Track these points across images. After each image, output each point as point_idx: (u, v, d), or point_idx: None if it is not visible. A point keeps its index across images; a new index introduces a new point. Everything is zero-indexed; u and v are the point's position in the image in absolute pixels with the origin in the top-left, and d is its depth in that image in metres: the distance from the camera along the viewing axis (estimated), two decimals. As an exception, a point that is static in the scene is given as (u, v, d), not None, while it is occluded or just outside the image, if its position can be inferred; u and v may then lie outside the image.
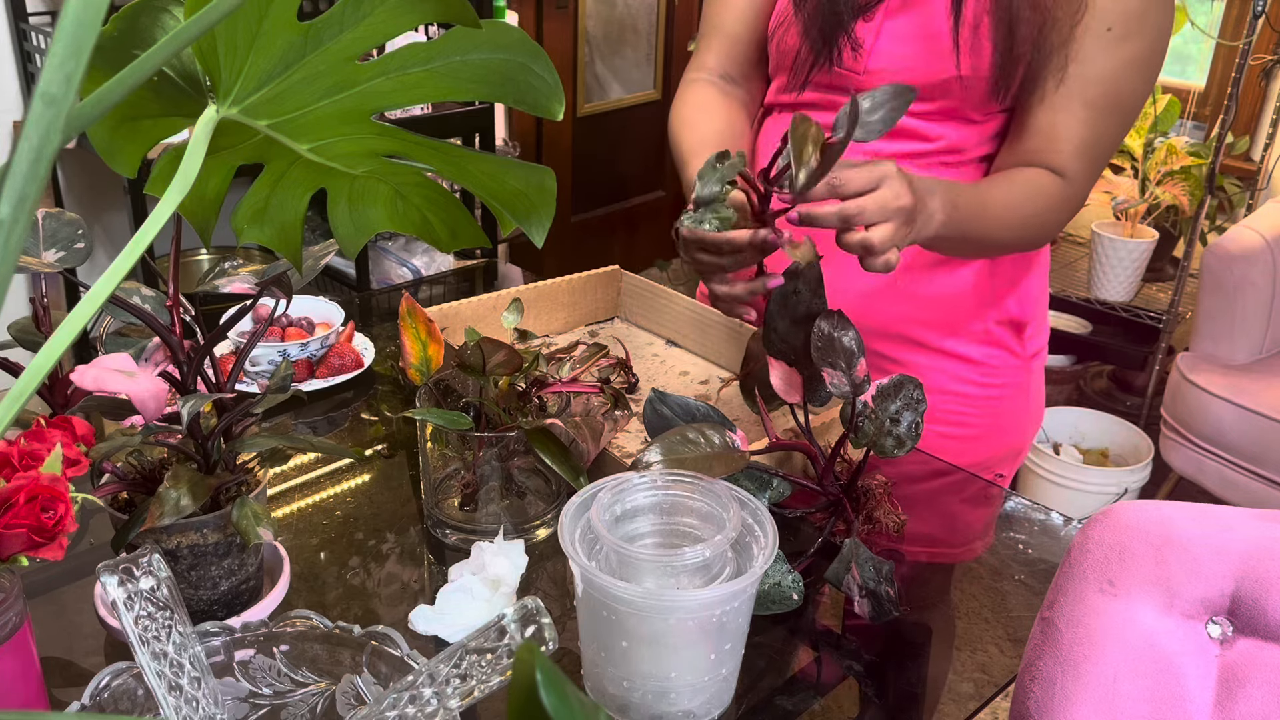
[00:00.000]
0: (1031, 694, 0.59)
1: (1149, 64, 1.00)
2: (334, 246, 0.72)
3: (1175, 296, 2.61)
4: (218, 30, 0.43)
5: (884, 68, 1.04)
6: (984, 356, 1.15)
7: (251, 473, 0.75)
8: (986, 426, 1.18)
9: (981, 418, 1.17)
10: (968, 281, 1.12)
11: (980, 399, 1.16)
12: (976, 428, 1.17)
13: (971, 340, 1.14)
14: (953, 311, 1.13)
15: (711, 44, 1.19)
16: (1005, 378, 1.17)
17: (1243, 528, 0.57)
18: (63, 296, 2.12)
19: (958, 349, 1.14)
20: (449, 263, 2.52)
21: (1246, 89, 2.80)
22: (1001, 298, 1.14)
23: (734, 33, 1.17)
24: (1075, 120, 1.00)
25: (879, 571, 0.81)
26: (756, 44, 1.17)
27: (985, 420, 1.17)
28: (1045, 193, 1.01)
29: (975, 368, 1.15)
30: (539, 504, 0.91)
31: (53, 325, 0.86)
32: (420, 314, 0.96)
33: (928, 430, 1.14)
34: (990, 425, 1.18)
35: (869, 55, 1.04)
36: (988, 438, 1.18)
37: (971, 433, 1.17)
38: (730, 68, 1.18)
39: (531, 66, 0.48)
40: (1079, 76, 0.98)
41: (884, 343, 1.14)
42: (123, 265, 0.33)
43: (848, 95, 1.06)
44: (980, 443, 1.18)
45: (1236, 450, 2.24)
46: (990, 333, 1.15)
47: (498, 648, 0.52)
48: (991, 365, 1.16)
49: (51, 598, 0.82)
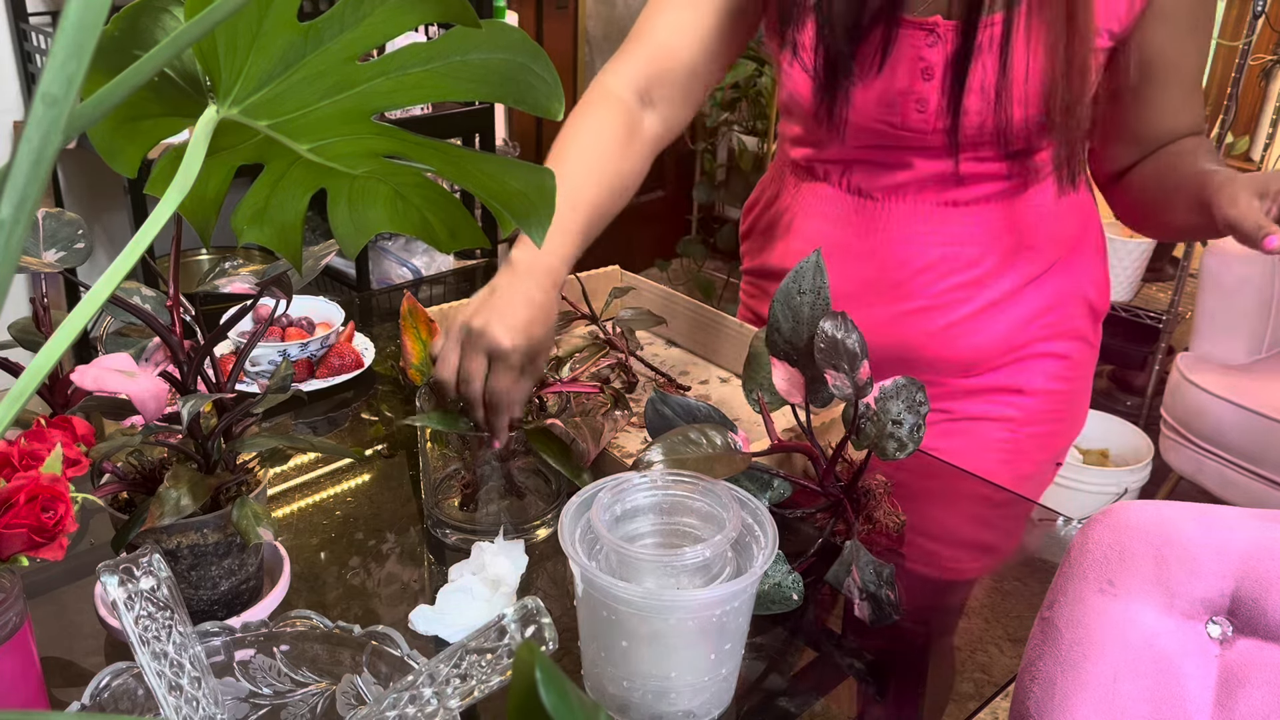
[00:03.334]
0: (1031, 694, 0.59)
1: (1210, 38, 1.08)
2: (334, 246, 0.72)
3: (1175, 296, 2.61)
4: (218, 31, 0.43)
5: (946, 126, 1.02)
6: (1070, 350, 1.17)
7: (251, 473, 0.75)
8: (1066, 419, 1.20)
9: (1064, 410, 1.19)
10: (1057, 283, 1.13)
11: (1063, 394, 1.18)
12: (1060, 421, 1.20)
13: (1061, 336, 1.16)
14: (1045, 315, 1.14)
15: (634, 51, 1.06)
16: (1082, 368, 1.19)
17: (1243, 528, 0.57)
18: (63, 296, 2.12)
19: (1051, 348, 1.16)
20: (449, 263, 2.52)
21: (1246, 89, 2.80)
22: (1083, 288, 1.16)
23: (666, 47, 1.05)
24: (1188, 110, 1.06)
25: (880, 574, 0.81)
26: (687, 71, 1.05)
27: (1067, 413, 1.20)
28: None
29: (1063, 363, 1.17)
30: (539, 504, 0.91)
31: (53, 325, 0.86)
32: (421, 314, 0.96)
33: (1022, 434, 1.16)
34: (1069, 417, 1.21)
35: (934, 114, 1.02)
36: (1065, 431, 1.21)
37: (1055, 428, 1.19)
38: (651, 86, 1.05)
39: (531, 66, 0.48)
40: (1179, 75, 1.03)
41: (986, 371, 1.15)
42: (123, 265, 0.33)
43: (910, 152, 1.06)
44: (1059, 437, 1.21)
45: (1236, 450, 2.24)
46: (1076, 327, 1.16)
47: (498, 648, 0.52)
48: (1074, 357, 1.18)
49: (51, 598, 0.82)
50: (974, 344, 1.12)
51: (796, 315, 0.85)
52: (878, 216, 1.09)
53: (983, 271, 1.09)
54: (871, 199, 1.09)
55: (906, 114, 1.02)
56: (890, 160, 1.07)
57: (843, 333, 0.82)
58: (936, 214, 1.07)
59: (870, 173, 1.09)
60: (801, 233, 1.16)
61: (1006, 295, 1.11)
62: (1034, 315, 1.13)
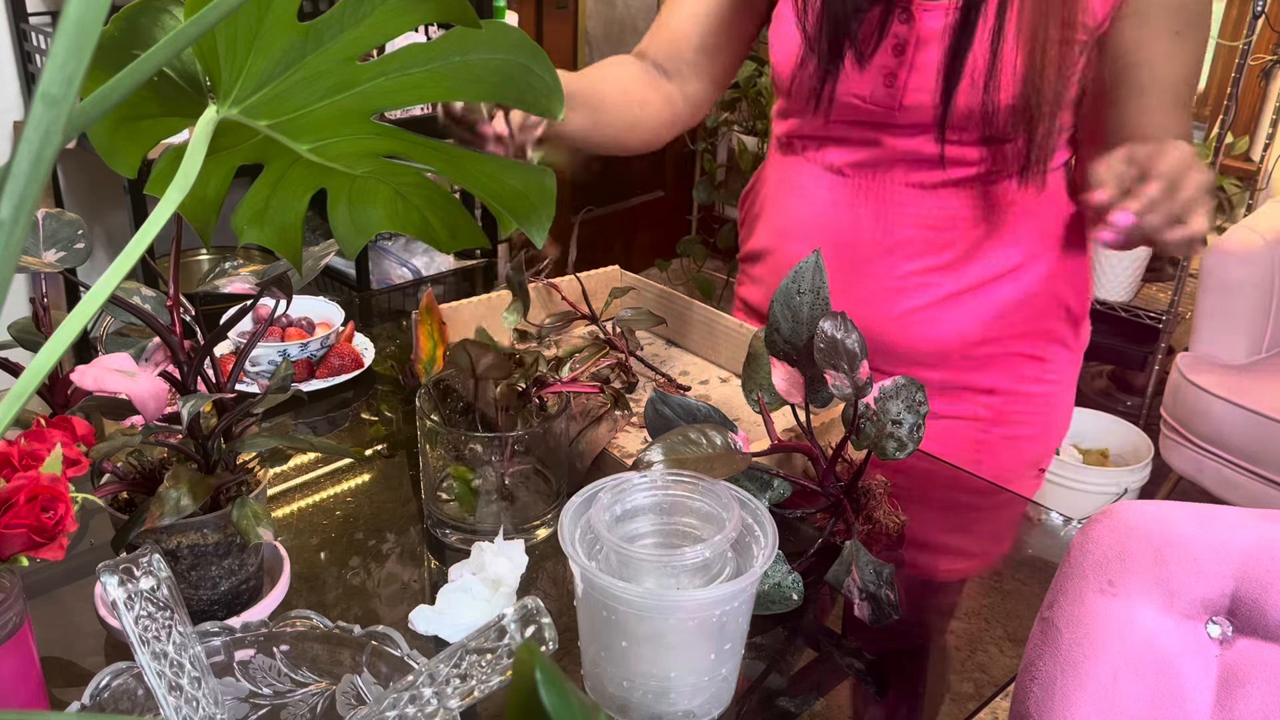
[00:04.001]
0: (1031, 694, 0.59)
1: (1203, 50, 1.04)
2: (334, 246, 0.72)
3: (1175, 296, 2.61)
4: (218, 30, 0.43)
5: (918, 102, 1.03)
6: (1045, 353, 1.16)
7: (251, 473, 0.75)
8: (1043, 423, 1.19)
9: (1039, 415, 1.18)
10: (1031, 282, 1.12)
11: (1038, 396, 1.17)
12: (1035, 425, 1.19)
13: (1036, 338, 1.15)
14: (1017, 313, 1.13)
15: (654, 34, 1.20)
16: (1061, 372, 1.18)
17: (1243, 528, 0.57)
18: (63, 296, 2.12)
19: (1023, 349, 1.15)
20: (449, 263, 2.52)
21: (1246, 89, 2.80)
22: (1059, 291, 1.15)
23: (679, 31, 1.18)
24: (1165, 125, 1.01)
25: (879, 575, 0.81)
26: (699, 49, 1.17)
27: (1042, 417, 1.19)
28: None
29: (1038, 364, 1.16)
30: (539, 504, 0.91)
31: (53, 325, 0.86)
32: (436, 313, 0.95)
33: (993, 434, 1.16)
34: (1046, 421, 1.20)
35: (903, 90, 1.03)
36: (1043, 434, 1.20)
37: (1030, 431, 1.19)
38: (665, 61, 1.19)
39: (531, 67, 0.48)
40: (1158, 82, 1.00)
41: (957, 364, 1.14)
42: (123, 265, 0.33)
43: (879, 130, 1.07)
44: (1036, 440, 1.20)
45: (1236, 450, 2.24)
46: (1051, 329, 1.16)
47: (498, 648, 0.52)
48: (1051, 361, 1.17)
49: (51, 598, 0.82)
50: (931, 335, 1.11)
51: (796, 315, 0.85)
52: (847, 194, 1.10)
53: (949, 259, 1.09)
54: (843, 175, 1.11)
55: (875, 88, 1.04)
56: (859, 136, 1.09)
57: (842, 333, 0.82)
58: (904, 195, 1.07)
59: (842, 149, 1.10)
60: (778, 209, 1.18)
61: (971, 288, 1.10)
62: (1001, 313, 1.12)
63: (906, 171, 1.07)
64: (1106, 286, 2.81)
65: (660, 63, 1.18)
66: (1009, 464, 1.16)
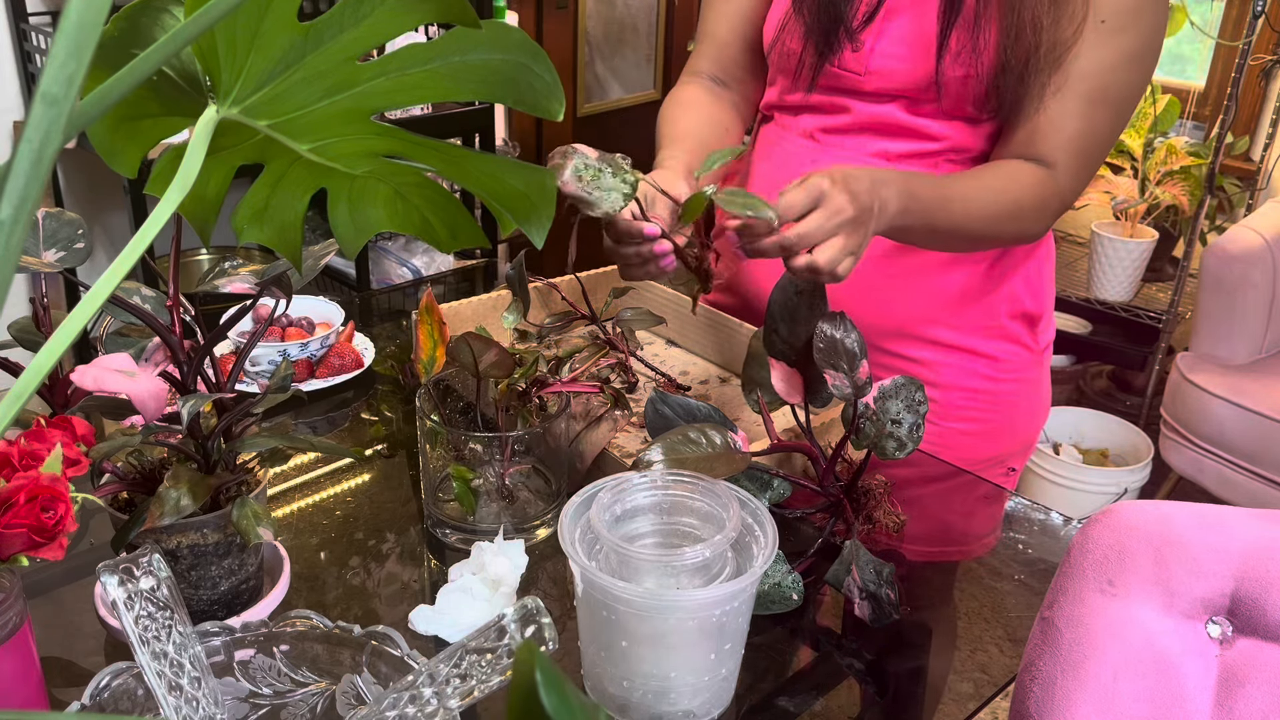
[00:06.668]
0: (1031, 694, 0.59)
1: (1143, 59, 1.01)
2: (334, 246, 0.72)
3: (1175, 296, 2.61)
4: (217, 30, 0.43)
5: (883, 68, 1.04)
6: (998, 351, 1.16)
7: (251, 473, 0.75)
8: (1001, 421, 1.18)
9: (996, 412, 1.18)
10: (976, 275, 1.12)
11: (994, 394, 1.17)
12: (991, 423, 1.18)
13: (986, 335, 1.15)
14: (963, 306, 1.13)
15: (702, 49, 1.23)
16: (1019, 372, 1.17)
17: (1243, 528, 0.57)
18: (63, 296, 2.12)
19: (972, 344, 1.14)
20: (449, 263, 2.52)
21: (1246, 89, 2.80)
22: (1013, 291, 1.14)
23: (723, 38, 1.21)
24: (1066, 112, 1.00)
25: (879, 574, 0.81)
26: (746, 49, 1.20)
27: (1000, 415, 1.18)
28: (1022, 183, 1.01)
29: (990, 363, 1.16)
30: (539, 504, 0.91)
31: (53, 325, 0.86)
32: (437, 313, 0.95)
33: (944, 427, 1.15)
34: (1005, 420, 1.19)
35: (869, 55, 1.05)
36: (1002, 432, 1.19)
37: (987, 428, 1.18)
38: (720, 71, 1.21)
39: (531, 67, 0.48)
40: (1072, 69, 0.99)
41: (895, 341, 1.14)
42: (123, 265, 0.33)
43: (848, 96, 1.08)
44: (995, 438, 1.18)
45: (1236, 450, 2.24)
46: (1004, 327, 1.15)
47: (498, 648, 0.52)
48: (1006, 360, 1.16)
49: (51, 598, 0.82)
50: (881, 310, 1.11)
51: (794, 315, 0.85)
52: (817, 160, 1.11)
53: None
54: (814, 141, 1.13)
55: (843, 53, 1.06)
56: (830, 104, 1.10)
57: (841, 333, 0.82)
58: (869, 164, 1.07)
59: (815, 116, 1.12)
60: (758, 175, 1.20)
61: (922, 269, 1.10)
62: (949, 301, 1.12)
63: (872, 139, 1.08)
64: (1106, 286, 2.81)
65: (716, 75, 1.21)
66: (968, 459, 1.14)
